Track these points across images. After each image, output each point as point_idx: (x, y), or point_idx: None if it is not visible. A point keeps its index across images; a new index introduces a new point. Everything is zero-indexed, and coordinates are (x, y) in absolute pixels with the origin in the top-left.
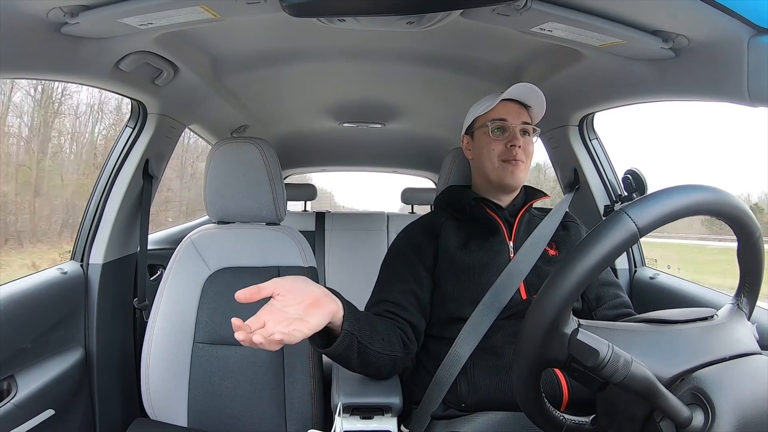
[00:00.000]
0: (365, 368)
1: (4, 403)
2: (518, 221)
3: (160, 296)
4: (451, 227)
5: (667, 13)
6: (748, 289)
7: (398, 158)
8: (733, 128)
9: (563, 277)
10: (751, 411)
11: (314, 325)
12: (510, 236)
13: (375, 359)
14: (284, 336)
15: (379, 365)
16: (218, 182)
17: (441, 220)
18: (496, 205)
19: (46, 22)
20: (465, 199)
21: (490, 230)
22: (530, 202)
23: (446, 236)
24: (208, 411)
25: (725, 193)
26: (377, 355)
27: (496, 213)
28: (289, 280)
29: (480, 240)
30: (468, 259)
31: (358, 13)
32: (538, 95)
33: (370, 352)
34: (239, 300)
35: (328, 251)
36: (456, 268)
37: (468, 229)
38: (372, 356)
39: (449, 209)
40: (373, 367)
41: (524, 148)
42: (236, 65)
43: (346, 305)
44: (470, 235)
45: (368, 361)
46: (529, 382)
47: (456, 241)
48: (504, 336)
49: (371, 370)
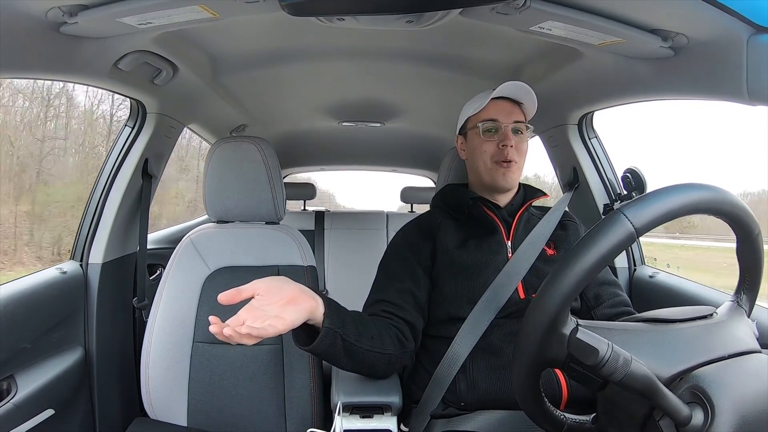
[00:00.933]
0: (357, 366)
1: (3, 403)
2: (516, 221)
3: (159, 296)
4: (448, 226)
5: (667, 12)
6: (748, 286)
7: (397, 157)
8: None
9: (561, 278)
10: (751, 409)
11: (290, 321)
12: (508, 236)
13: (365, 357)
14: (253, 330)
15: (371, 363)
16: (217, 181)
17: (438, 220)
18: (494, 204)
19: (45, 21)
20: (463, 198)
21: (488, 230)
22: (529, 202)
23: (444, 236)
24: (208, 410)
25: (723, 191)
26: (366, 352)
27: (494, 212)
28: (267, 280)
29: (477, 239)
30: (466, 259)
31: (358, 12)
32: (527, 92)
33: (358, 349)
34: (221, 302)
35: (327, 250)
36: (454, 267)
37: (466, 229)
38: (361, 354)
39: (447, 208)
40: (365, 366)
41: (517, 147)
42: (235, 64)
43: (327, 303)
44: (468, 235)
45: (358, 359)
46: (529, 382)
47: (454, 241)
48: (502, 335)
49: (364, 368)
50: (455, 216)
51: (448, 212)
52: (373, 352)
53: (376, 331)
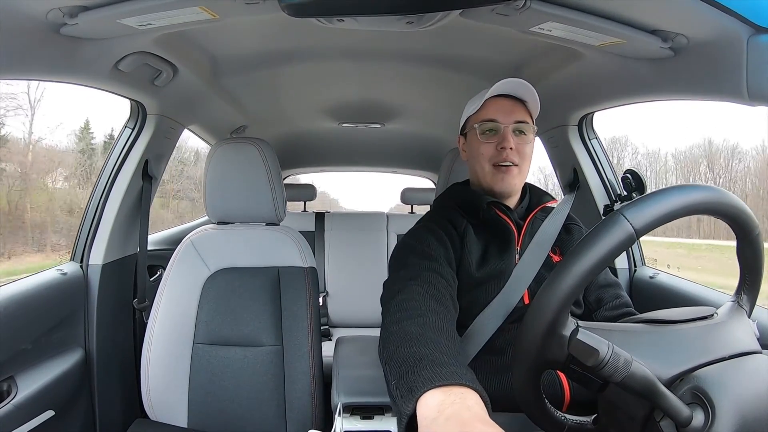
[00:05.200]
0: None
1: (4, 404)
2: (526, 225)
3: (159, 297)
4: (470, 233)
5: (667, 13)
6: (748, 286)
7: (398, 158)
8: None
9: (561, 279)
10: (752, 410)
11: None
12: (518, 241)
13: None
14: None
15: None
16: (218, 183)
17: (462, 224)
18: (507, 207)
19: (45, 23)
20: (478, 201)
21: (505, 236)
22: (541, 206)
23: (470, 244)
24: (209, 411)
25: (723, 191)
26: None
27: (508, 216)
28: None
29: (496, 248)
30: (484, 273)
31: (357, 13)
32: (527, 88)
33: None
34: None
35: (327, 251)
36: (472, 281)
37: (484, 237)
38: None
39: (462, 210)
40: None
41: (518, 150)
42: (235, 66)
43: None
44: (487, 243)
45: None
46: (529, 383)
47: (477, 253)
48: (507, 339)
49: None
50: (471, 220)
51: (464, 215)
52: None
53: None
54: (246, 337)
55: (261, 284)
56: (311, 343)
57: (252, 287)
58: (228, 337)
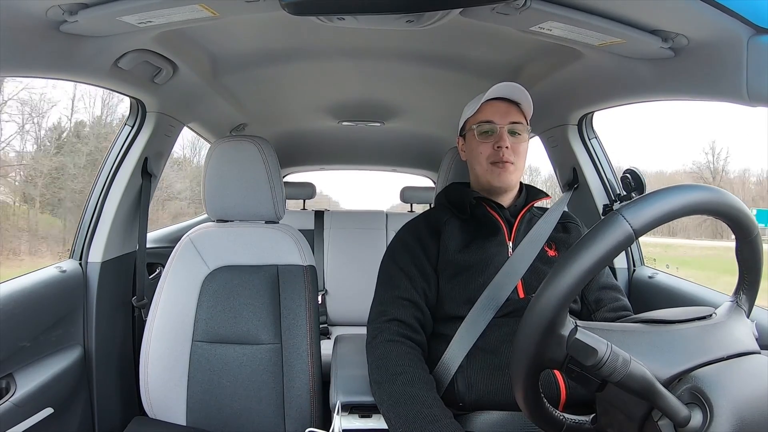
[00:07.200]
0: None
1: (3, 402)
2: (518, 221)
3: (158, 295)
4: (453, 226)
5: (667, 13)
6: (747, 287)
7: (397, 157)
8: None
9: (559, 279)
10: (750, 410)
11: None
12: (510, 236)
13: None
14: None
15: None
16: (217, 181)
17: (444, 218)
18: (497, 204)
19: (45, 20)
20: (467, 197)
21: (491, 230)
22: (532, 203)
23: (448, 235)
24: (207, 409)
25: (722, 191)
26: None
27: (497, 212)
28: None
29: (481, 240)
30: (467, 259)
31: (358, 12)
32: (521, 91)
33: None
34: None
35: (327, 250)
36: (455, 268)
37: (469, 229)
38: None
39: (451, 207)
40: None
41: (514, 148)
42: (235, 64)
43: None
44: (471, 236)
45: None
46: (528, 383)
47: (457, 241)
48: (501, 335)
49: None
50: (459, 215)
51: (452, 211)
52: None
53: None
54: (245, 335)
55: (260, 282)
56: (310, 341)
57: (251, 285)
58: (227, 335)
